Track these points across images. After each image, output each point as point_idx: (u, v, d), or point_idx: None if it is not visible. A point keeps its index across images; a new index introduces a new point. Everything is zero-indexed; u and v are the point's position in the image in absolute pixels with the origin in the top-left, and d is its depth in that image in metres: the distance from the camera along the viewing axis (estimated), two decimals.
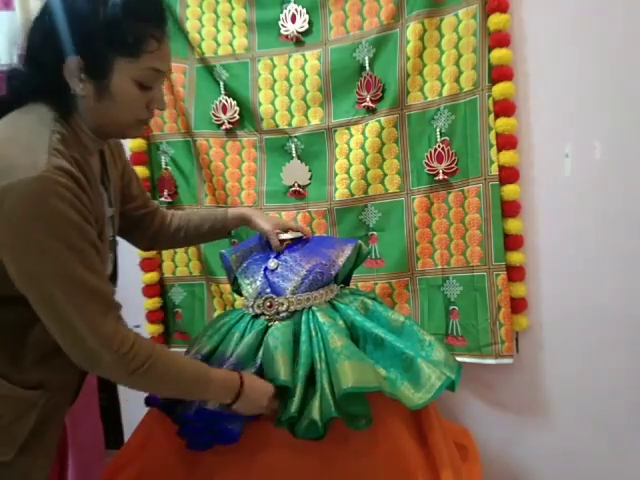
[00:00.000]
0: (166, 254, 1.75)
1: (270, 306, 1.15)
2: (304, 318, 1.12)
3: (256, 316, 1.16)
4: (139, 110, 0.85)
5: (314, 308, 1.14)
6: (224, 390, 0.95)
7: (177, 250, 1.75)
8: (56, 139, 0.76)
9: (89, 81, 0.79)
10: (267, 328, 1.13)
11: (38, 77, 0.80)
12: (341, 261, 1.21)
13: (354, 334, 1.14)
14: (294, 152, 1.62)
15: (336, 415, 0.97)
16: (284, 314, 1.14)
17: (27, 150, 0.73)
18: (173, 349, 1.75)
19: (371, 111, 1.52)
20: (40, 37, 0.79)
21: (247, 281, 1.21)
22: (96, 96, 0.80)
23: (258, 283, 1.19)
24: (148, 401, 1.10)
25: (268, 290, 1.17)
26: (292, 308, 1.14)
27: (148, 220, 1.19)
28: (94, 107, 0.81)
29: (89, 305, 0.77)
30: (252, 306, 1.17)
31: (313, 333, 1.09)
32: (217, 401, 0.98)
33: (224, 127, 1.65)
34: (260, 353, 1.09)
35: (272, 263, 1.21)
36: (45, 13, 0.79)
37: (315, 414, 0.98)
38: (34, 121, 0.78)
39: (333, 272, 1.19)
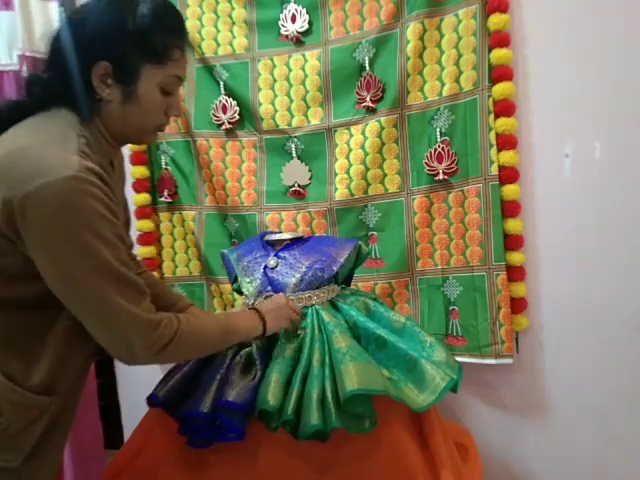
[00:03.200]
0: (166, 254, 1.75)
1: None
2: (308, 317, 1.12)
3: None
4: (160, 115, 0.89)
5: (317, 307, 1.14)
6: (250, 329, 1.02)
7: (177, 250, 1.75)
8: (83, 142, 0.79)
9: (116, 86, 0.82)
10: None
11: (63, 82, 0.82)
12: (341, 258, 1.21)
13: (356, 334, 1.14)
14: (294, 152, 1.62)
15: (338, 425, 0.96)
16: None
17: (59, 151, 0.76)
18: None
19: (371, 111, 1.52)
20: (67, 43, 0.81)
21: (247, 279, 1.21)
22: (122, 101, 0.84)
23: (258, 281, 1.19)
24: (150, 401, 1.10)
25: (269, 288, 1.17)
26: None
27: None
28: (118, 112, 0.84)
29: (125, 292, 0.78)
30: (252, 304, 1.17)
31: (316, 331, 1.09)
32: (247, 337, 1.04)
33: (224, 127, 1.65)
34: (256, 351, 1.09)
35: (272, 261, 1.21)
36: (72, 20, 0.83)
37: (315, 420, 0.96)
38: (61, 125, 0.81)
39: (334, 268, 1.19)
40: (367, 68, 1.52)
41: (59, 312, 0.83)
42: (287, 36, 1.59)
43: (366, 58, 1.52)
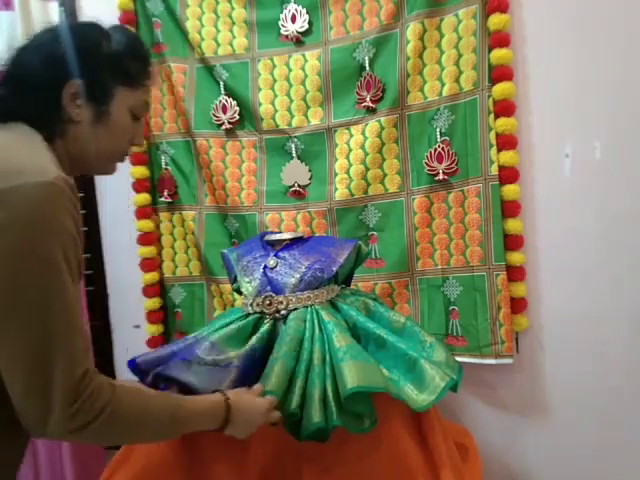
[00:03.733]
0: (166, 254, 1.75)
1: (270, 304, 1.15)
2: (308, 316, 1.12)
3: (255, 314, 1.16)
4: (126, 142, 0.88)
5: (317, 307, 1.14)
6: (208, 420, 0.87)
7: (177, 250, 1.75)
8: (51, 154, 0.75)
9: (87, 106, 0.80)
10: (259, 323, 1.13)
11: (26, 99, 0.78)
12: (341, 258, 1.21)
13: (356, 334, 1.14)
14: (294, 152, 1.62)
15: (339, 423, 0.96)
16: (284, 312, 1.14)
17: (34, 157, 0.71)
18: None
19: (371, 111, 1.52)
20: (39, 59, 0.78)
21: (247, 279, 1.21)
22: (92, 121, 0.81)
23: (257, 281, 1.19)
24: (129, 364, 1.07)
25: (268, 288, 1.17)
26: (292, 306, 1.15)
27: None
28: (87, 133, 0.81)
29: (75, 339, 0.67)
30: (251, 304, 1.17)
31: (316, 331, 1.09)
32: (203, 429, 0.88)
33: (224, 127, 1.65)
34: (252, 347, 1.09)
35: (271, 261, 1.21)
36: (45, 38, 0.81)
37: (317, 418, 0.96)
38: (28, 137, 0.76)
39: (334, 268, 1.19)
40: (367, 68, 1.52)
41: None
42: (287, 36, 1.59)
43: (366, 58, 1.51)
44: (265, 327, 1.13)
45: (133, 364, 1.06)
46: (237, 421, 0.89)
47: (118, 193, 1.76)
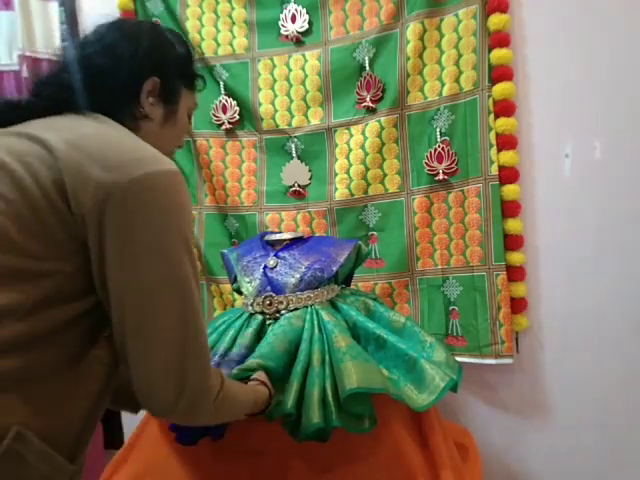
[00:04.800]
0: None
1: (270, 304, 1.15)
2: (307, 316, 1.12)
3: (255, 314, 1.16)
4: (182, 140, 0.92)
5: (317, 307, 1.14)
6: (260, 405, 0.93)
7: None
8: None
9: (159, 105, 0.81)
10: (264, 324, 1.13)
11: (108, 91, 0.76)
12: (341, 258, 1.21)
13: (356, 334, 1.14)
14: (294, 152, 1.62)
15: (339, 424, 0.96)
16: (284, 312, 1.14)
17: (142, 145, 0.69)
18: None
19: (371, 111, 1.52)
20: (122, 53, 0.77)
21: (247, 279, 1.21)
22: (162, 120, 0.82)
23: (258, 281, 1.19)
24: None
25: (268, 288, 1.17)
26: (292, 306, 1.15)
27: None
28: (155, 131, 0.82)
29: (201, 322, 0.69)
30: (252, 304, 1.17)
31: (316, 331, 1.09)
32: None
33: (224, 127, 1.65)
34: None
35: (271, 261, 1.21)
36: (124, 30, 0.80)
37: (317, 418, 0.96)
38: (119, 127, 0.73)
39: (334, 268, 1.19)
40: (367, 68, 1.52)
41: (91, 342, 0.68)
42: (287, 36, 1.59)
43: (366, 58, 1.52)
44: (259, 325, 1.14)
45: None
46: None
47: None
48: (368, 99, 1.51)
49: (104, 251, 0.62)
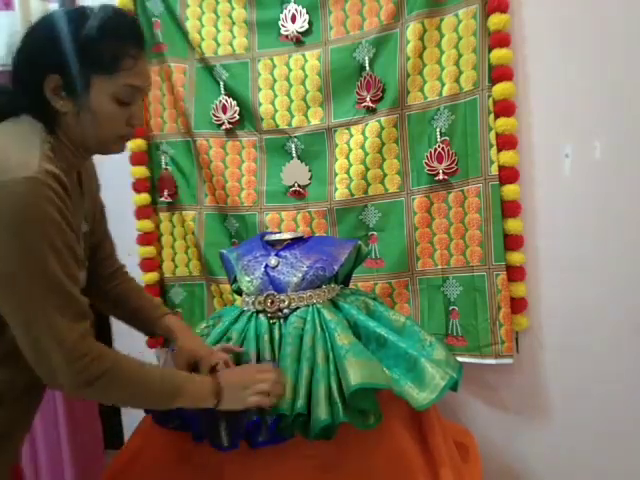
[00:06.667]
0: (166, 254, 1.75)
1: (272, 303, 1.15)
2: (309, 317, 1.12)
3: (256, 313, 1.16)
4: (119, 126, 0.87)
5: (318, 306, 1.14)
6: (200, 400, 0.93)
7: (177, 250, 1.75)
8: (47, 147, 0.79)
9: (69, 98, 0.82)
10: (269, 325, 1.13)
11: (23, 94, 0.83)
12: (342, 257, 1.21)
13: (356, 333, 1.14)
14: (294, 152, 1.62)
15: (346, 419, 0.97)
16: (286, 311, 1.14)
17: (20, 152, 0.75)
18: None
19: (371, 111, 1.52)
20: (23, 56, 0.82)
21: (247, 278, 1.21)
22: (76, 113, 0.83)
23: (259, 280, 1.19)
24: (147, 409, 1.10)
25: (270, 287, 1.17)
26: (294, 305, 1.15)
27: (104, 276, 1.11)
28: (75, 123, 0.84)
29: (64, 309, 0.76)
30: (253, 303, 1.18)
31: (318, 329, 1.09)
32: (195, 406, 0.94)
33: (224, 127, 1.65)
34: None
35: (273, 260, 1.21)
36: (28, 33, 0.83)
37: (325, 415, 0.96)
38: (25, 129, 0.81)
39: (335, 267, 1.19)
40: (367, 68, 1.52)
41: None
42: (287, 36, 1.59)
43: (366, 58, 1.52)
44: (264, 328, 1.13)
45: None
46: (229, 395, 0.95)
47: (118, 193, 1.76)
48: (368, 99, 1.51)
49: None
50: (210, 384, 0.94)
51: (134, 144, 1.69)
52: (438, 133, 1.47)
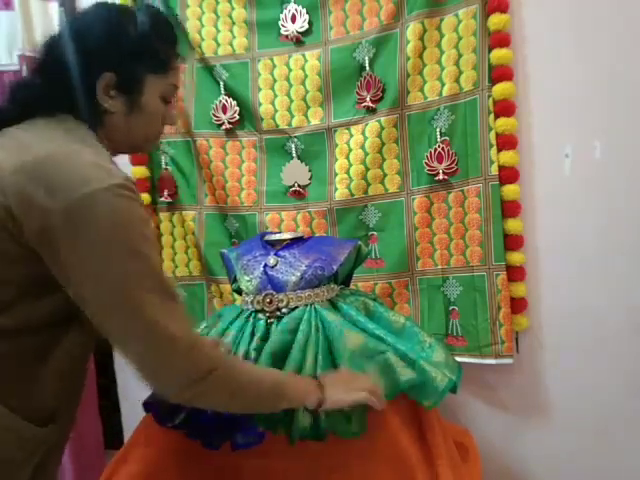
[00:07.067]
0: (166, 254, 1.75)
1: (270, 302, 1.15)
2: (305, 316, 1.12)
3: (255, 312, 1.16)
4: (160, 124, 0.89)
5: (317, 306, 1.14)
6: (304, 399, 0.91)
7: (177, 250, 1.75)
8: (108, 154, 0.78)
9: (119, 97, 0.81)
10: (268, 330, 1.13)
11: (65, 91, 0.78)
12: (342, 257, 1.21)
13: None
14: (294, 152, 1.62)
15: (327, 427, 0.97)
16: (284, 310, 1.14)
17: (96, 159, 0.72)
18: None
19: (371, 111, 1.52)
20: (71, 51, 0.78)
21: (247, 277, 1.22)
22: (126, 112, 0.82)
23: (258, 279, 1.19)
24: (146, 406, 1.10)
25: (269, 286, 1.17)
26: (292, 304, 1.15)
27: None
28: (121, 123, 0.83)
29: (179, 308, 0.75)
30: (252, 302, 1.18)
31: (312, 331, 1.09)
32: (298, 404, 0.93)
33: (224, 127, 1.65)
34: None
35: (272, 260, 1.21)
36: (75, 28, 0.80)
37: (306, 423, 0.97)
38: (82, 131, 0.78)
39: (334, 266, 1.19)
40: (367, 68, 1.52)
41: (64, 329, 0.77)
42: (287, 36, 1.59)
43: (366, 58, 1.51)
44: (261, 328, 1.13)
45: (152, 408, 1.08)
46: (332, 394, 0.93)
47: None
48: (368, 99, 1.51)
49: (60, 271, 0.70)
50: (312, 380, 0.94)
51: None
52: (438, 133, 1.47)
